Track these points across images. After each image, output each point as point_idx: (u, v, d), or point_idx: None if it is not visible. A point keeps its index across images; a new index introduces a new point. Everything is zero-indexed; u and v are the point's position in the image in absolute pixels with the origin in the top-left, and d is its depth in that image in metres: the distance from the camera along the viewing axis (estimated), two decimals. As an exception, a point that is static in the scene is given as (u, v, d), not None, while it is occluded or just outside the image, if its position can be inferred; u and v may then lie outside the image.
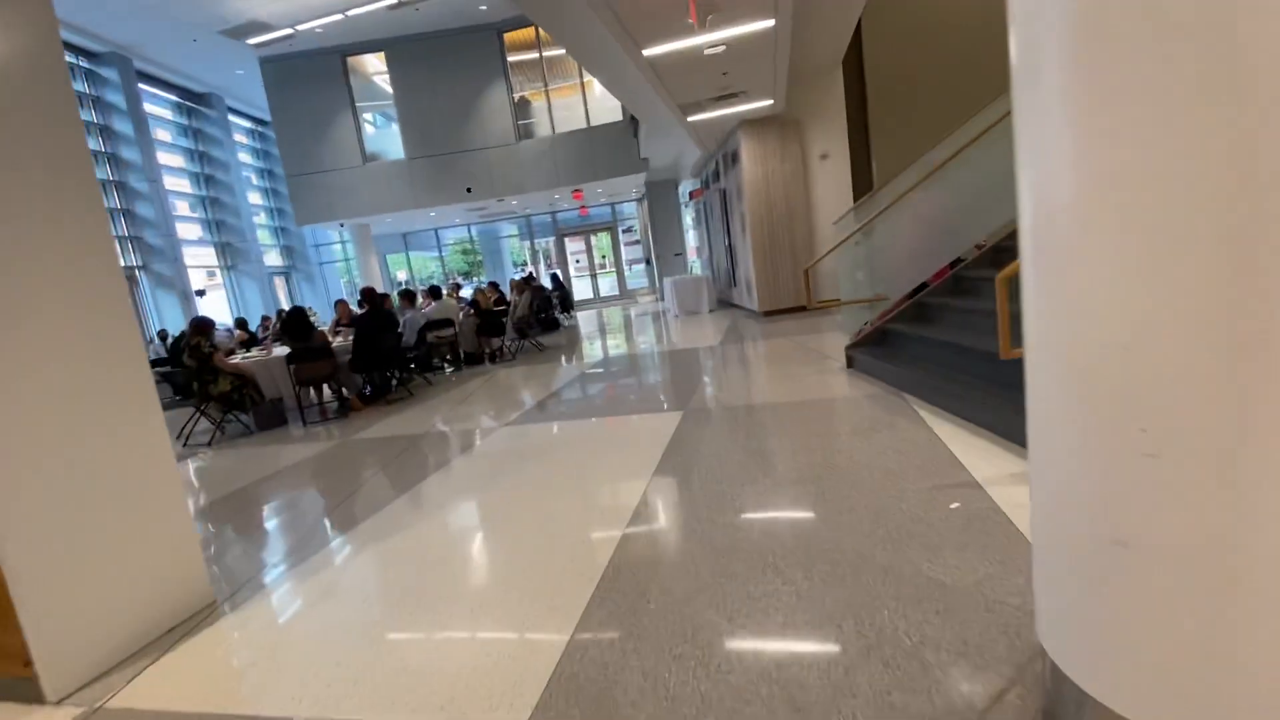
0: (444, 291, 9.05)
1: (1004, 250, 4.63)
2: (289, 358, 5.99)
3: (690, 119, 8.07)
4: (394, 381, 6.95)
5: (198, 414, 6.08)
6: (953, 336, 4.04)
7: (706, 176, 12.23)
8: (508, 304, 9.92)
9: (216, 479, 4.73)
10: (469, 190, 14.55)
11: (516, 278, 13.73)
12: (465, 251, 21.54)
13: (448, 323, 8.04)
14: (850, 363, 4.96)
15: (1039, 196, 1.16)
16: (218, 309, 15.44)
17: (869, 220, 4.79)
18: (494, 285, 10.53)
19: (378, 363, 6.50)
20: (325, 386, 6.62)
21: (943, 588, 1.89)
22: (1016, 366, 3.31)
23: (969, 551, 2.07)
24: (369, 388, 6.73)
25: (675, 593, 2.07)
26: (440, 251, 19.82)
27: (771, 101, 7.93)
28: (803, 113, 8.96)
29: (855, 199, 9.08)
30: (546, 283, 14.93)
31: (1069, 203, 1.08)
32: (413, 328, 7.18)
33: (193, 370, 5.61)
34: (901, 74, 9.01)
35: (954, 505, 2.43)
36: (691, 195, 13.87)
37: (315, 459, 4.76)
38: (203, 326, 5.66)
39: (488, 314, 8.46)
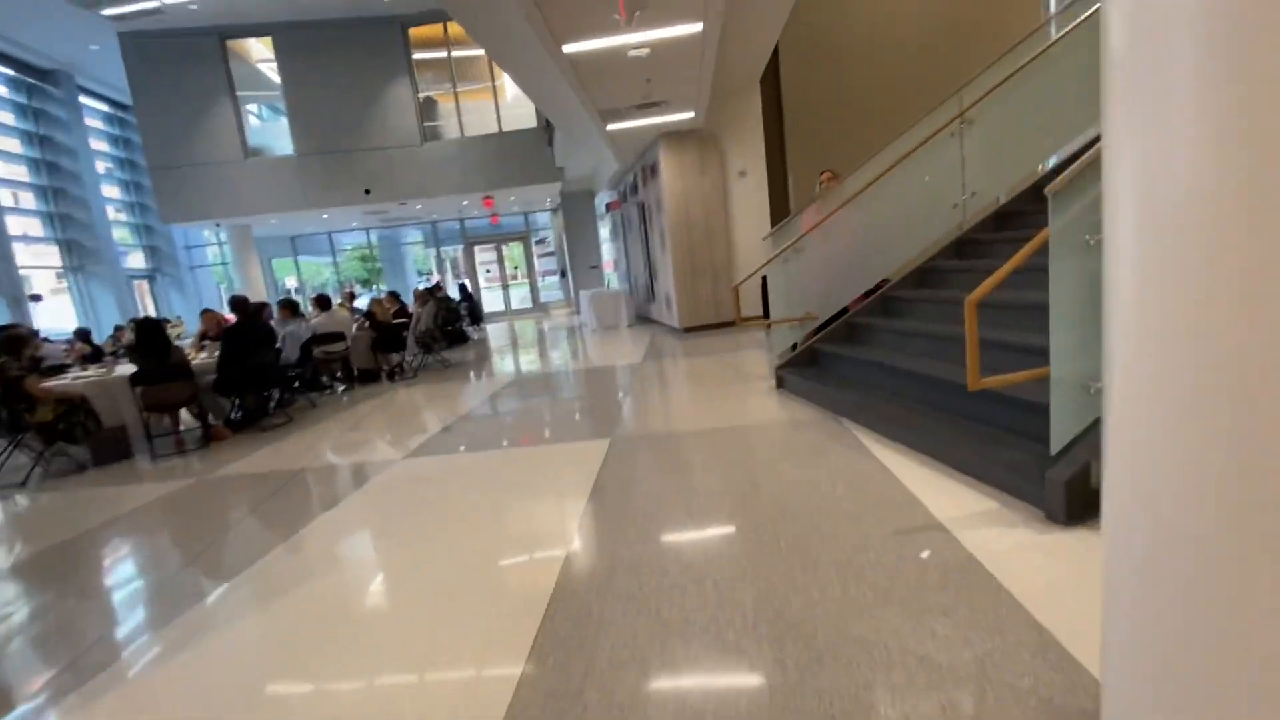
0: (334, 301, 8.15)
1: (930, 271, 4.59)
2: (134, 379, 5.01)
3: (610, 127, 7.75)
4: (271, 404, 6.05)
5: (11, 448, 4.95)
6: (887, 358, 3.90)
7: (624, 188, 11.98)
8: (409, 316, 9.10)
9: (25, 529, 3.77)
10: (367, 192, 13.47)
11: (421, 287, 12.82)
12: (364, 258, 20.06)
13: (338, 336, 7.19)
14: (780, 383, 4.75)
15: (1149, 197, 0.86)
16: (60, 317, 13.32)
17: (800, 236, 4.62)
18: (394, 295, 9.67)
19: (250, 383, 5.61)
20: (184, 411, 5.63)
21: (939, 670, 1.59)
22: (957, 392, 3.06)
23: (957, 617, 1.79)
24: (239, 411, 5.81)
25: (612, 688, 1.64)
26: (334, 257, 18.30)
27: (693, 114, 7.76)
28: (722, 129, 8.89)
29: (773, 218, 9.10)
30: (454, 293, 14.07)
31: (1204, 202, 0.78)
32: (294, 342, 6.30)
33: (-1, 395, 4.53)
34: (818, 94, 9.18)
35: (924, 554, 2.17)
36: (609, 207, 13.58)
37: (165, 500, 3.92)
38: (9, 342, 4.59)
39: (385, 327, 7.67)
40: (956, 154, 4.53)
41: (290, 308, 6.55)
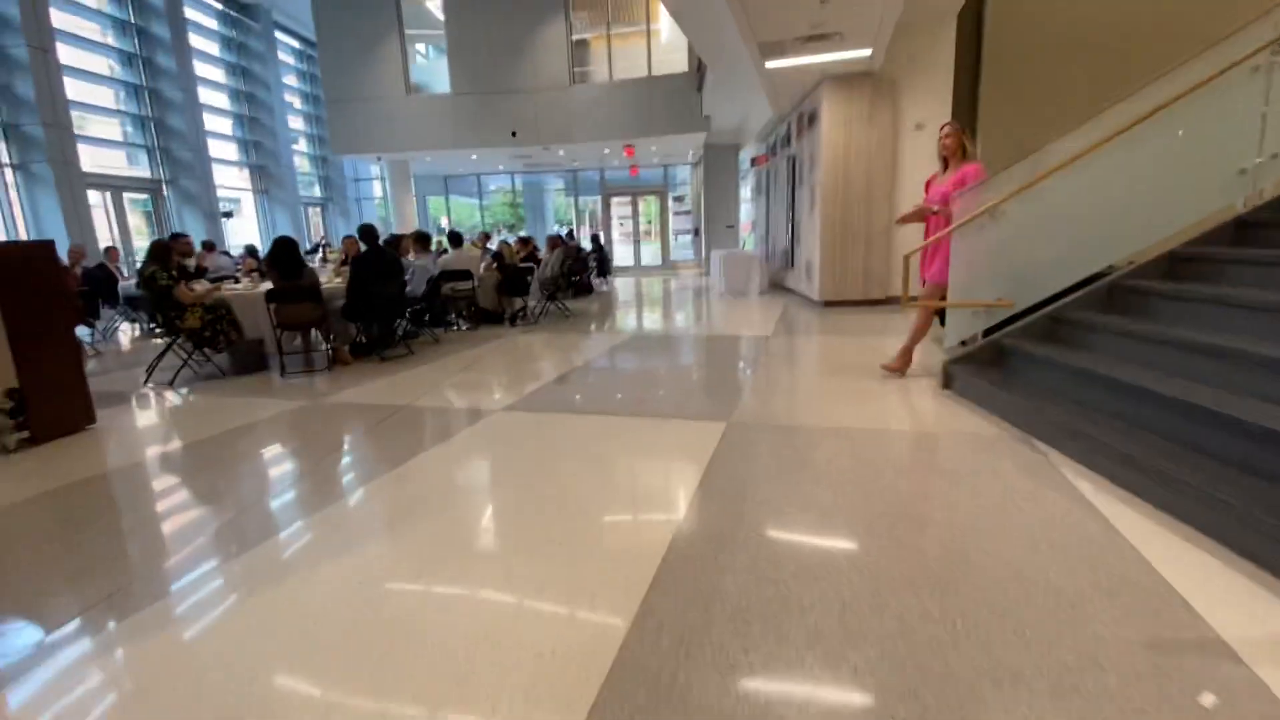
0: (467, 240, 8.11)
1: (1190, 259, 3.40)
2: (269, 295, 5.13)
3: (769, 64, 6.82)
4: (396, 335, 6.06)
5: (165, 349, 5.31)
6: (1116, 370, 2.88)
7: (775, 141, 10.92)
8: (538, 261, 8.93)
9: (165, 427, 3.92)
10: (514, 134, 13.50)
11: (555, 234, 12.75)
12: (511, 204, 20.54)
13: (465, 275, 7.11)
14: (948, 381, 3.84)
15: None
16: (246, 235, 14.89)
17: (1002, 199, 3.59)
18: (525, 240, 9.54)
19: (375, 312, 5.61)
20: (315, 332, 5.78)
21: None
22: (1244, 435, 2.00)
23: None
24: (364, 339, 5.87)
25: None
26: (481, 199, 18.89)
27: (870, 52, 6.62)
28: (901, 73, 7.60)
29: (950, 181, 7.73)
30: (586, 244, 13.89)
31: None
32: (422, 276, 6.26)
33: (153, 301, 4.79)
34: (1033, 35, 7.53)
35: (1206, 698, 1.37)
36: (754, 161, 12.55)
37: (268, 422, 3.90)
38: (159, 252, 4.81)
39: (512, 270, 7.49)
40: (1257, 98, 3.24)
41: (422, 241, 6.50)
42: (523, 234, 10.57)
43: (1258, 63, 3.17)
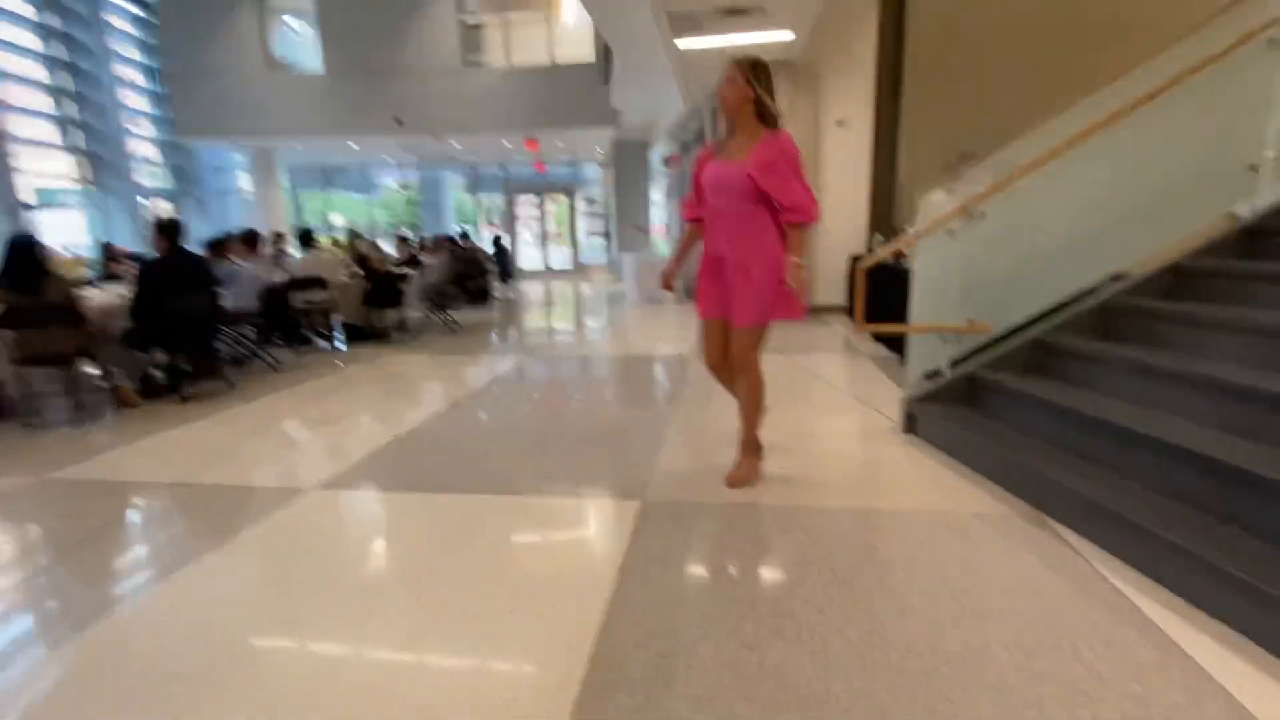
0: (326, 240, 6.72)
1: (1195, 274, 2.79)
2: (3, 319, 3.64)
3: (681, 42, 5.98)
4: (211, 363, 4.66)
5: None
6: (1127, 417, 2.18)
7: (687, 139, 10.16)
8: (419, 266, 7.64)
9: None
10: (399, 122, 11.97)
11: (452, 234, 11.37)
12: (407, 201, 18.65)
13: (318, 283, 5.75)
14: (911, 424, 3.08)
15: None
16: (65, 233, 12.37)
17: (978, 196, 2.86)
18: (404, 240, 8.19)
19: (173, 336, 4.21)
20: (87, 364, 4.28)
21: None
22: None
23: None
24: (161, 372, 4.43)
25: None
26: (368, 195, 17.02)
27: (792, 36, 5.93)
28: (821, 63, 7.00)
29: (875, 186, 7.22)
30: (488, 246, 12.58)
31: None
32: (248, 286, 4.89)
33: None
34: (956, 26, 7.14)
35: None
36: (667, 162, 11.78)
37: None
38: None
39: (380, 277, 6.20)
40: (1262, 84, 2.68)
41: (249, 242, 5.10)
42: (404, 234, 9.19)
43: (1272, 38, 2.60)
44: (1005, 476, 2.45)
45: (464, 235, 10.99)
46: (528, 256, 17.21)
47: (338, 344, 6.39)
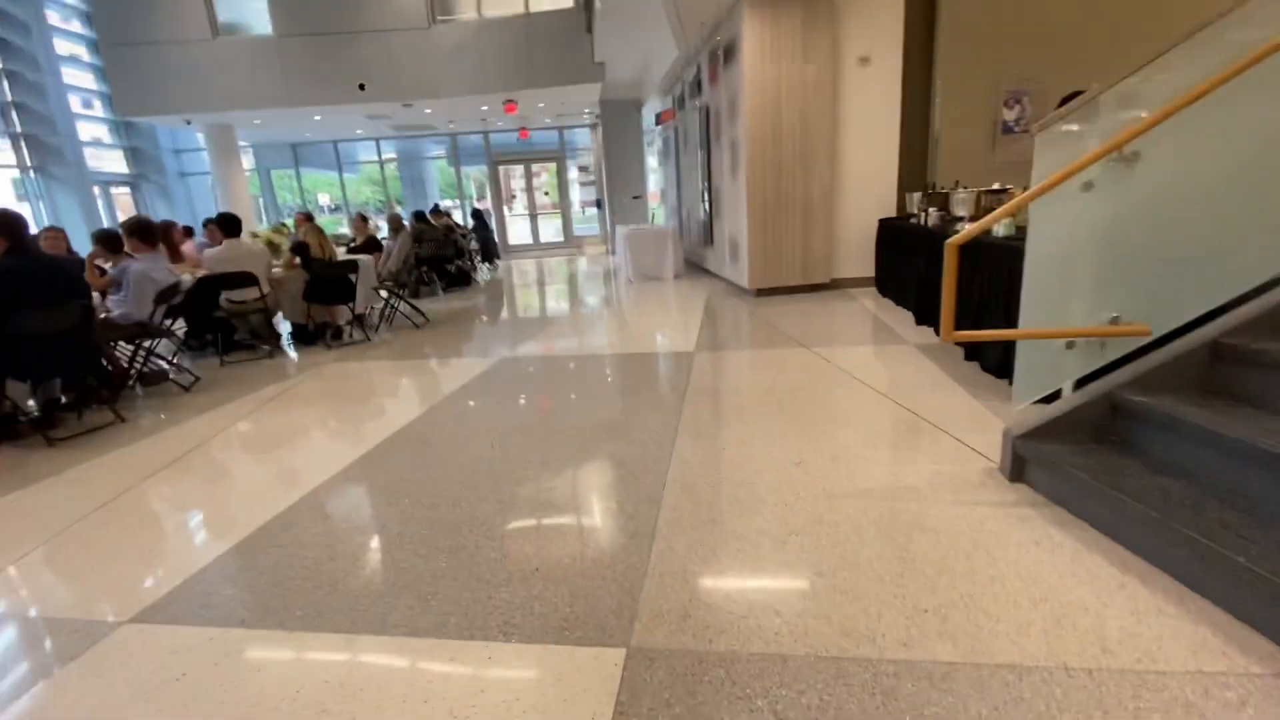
0: (265, 229, 5.69)
1: None
2: None
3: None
4: (91, 388, 3.72)
5: None
6: None
7: (682, 90, 8.99)
8: (378, 250, 6.64)
9: None
10: (362, 88, 10.80)
11: (436, 209, 10.27)
12: (382, 178, 17.45)
13: (246, 279, 4.77)
14: (1019, 469, 2.12)
15: None
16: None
17: (1124, 137, 1.84)
18: (364, 220, 7.15)
19: (31, 360, 3.26)
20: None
21: None
22: None
23: None
24: (38, 402, 3.50)
25: None
26: (341, 172, 15.84)
27: (806, -52, 4.78)
28: (840, -11, 5.85)
29: (903, 132, 6.13)
30: (467, 221, 11.49)
31: None
32: (143, 289, 3.91)
33: None
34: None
35: None
36: (659, 119, 10.59)
37: None
38: None
39: (321, 268, 5.20)
40: None
41: (142, 234, 4.09)
42: (364, 213, 8.11)
43: None
44: (1165, 560, 1.50)
45: (435, 210, 9.93)
46: (516, 230, 16.11)
47: (287, 349, 5.45)
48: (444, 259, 8.65)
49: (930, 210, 4.84)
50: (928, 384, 3.32)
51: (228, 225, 4.88)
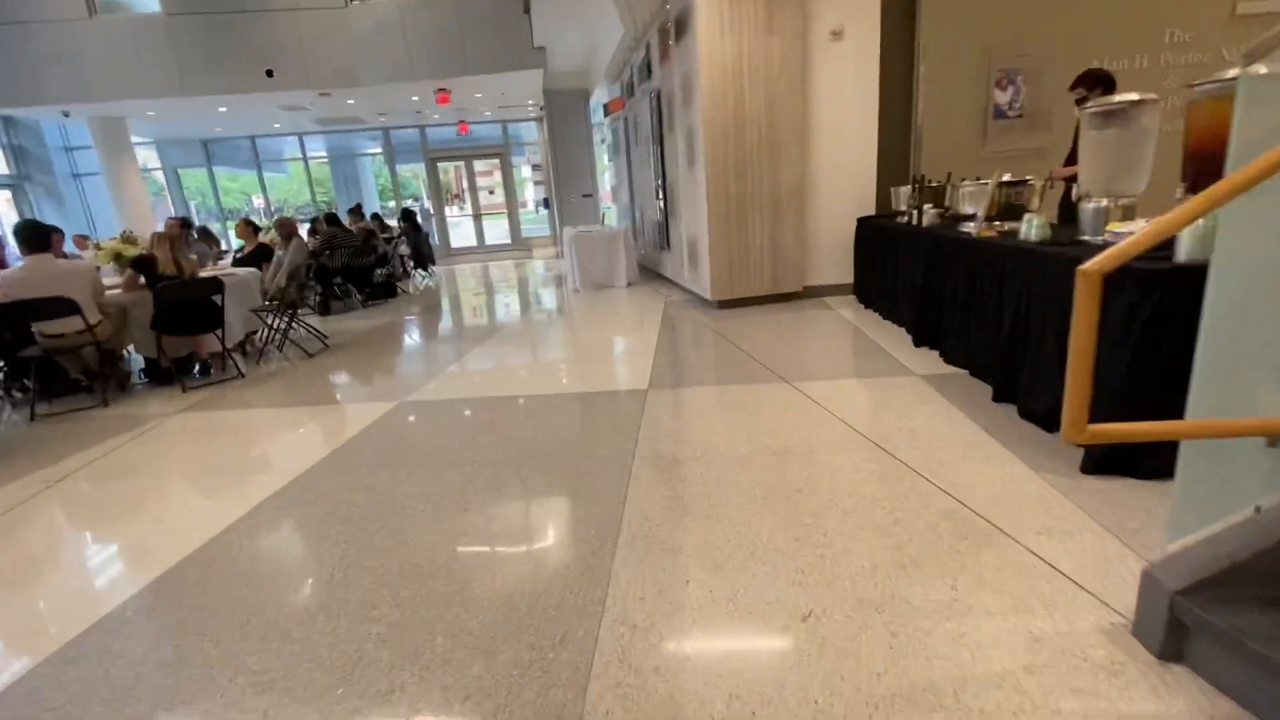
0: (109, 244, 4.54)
1: None
2: None
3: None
4: None
5: None
6: None
7: (631, 76, 8.07)
8: (267, 259, 5.51)
9: None
10: (269, 74, 9.52)
11: (358, 210, 9.09)
12: (321, 178, 15.96)
13: (61, 306, 3.62)
14: (1176, 643, 1.26)
15: None
16: None
17: None
18: (251, 226, 5.97)
19: None
20: None
21: None
22: None
23: None
24: None
25: None
26: (260, 170, 14.36)
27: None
28: (807, -50, 5.01)
29: (882, 117, 5.34)
30: (400, 223, 10.30)
31: None
32: None
33: None
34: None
35: None
36: (608, 109, 9.64)
37: None
38: None
39: (166, 288, 4.07)
40: None
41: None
42: (250, 216, 6.89)
43: None
44: None
45: (355, 211, 8.77)
46: (461, 233, 14.92)
47: (137, 390, 4.31)
48: (364, 268, 7.51)
49: (926, 207, 4.04)
50: (959, 442, 2.47)
51: (32, 238, 3.72)
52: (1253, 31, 5.41)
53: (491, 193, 15.28)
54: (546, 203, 13.90)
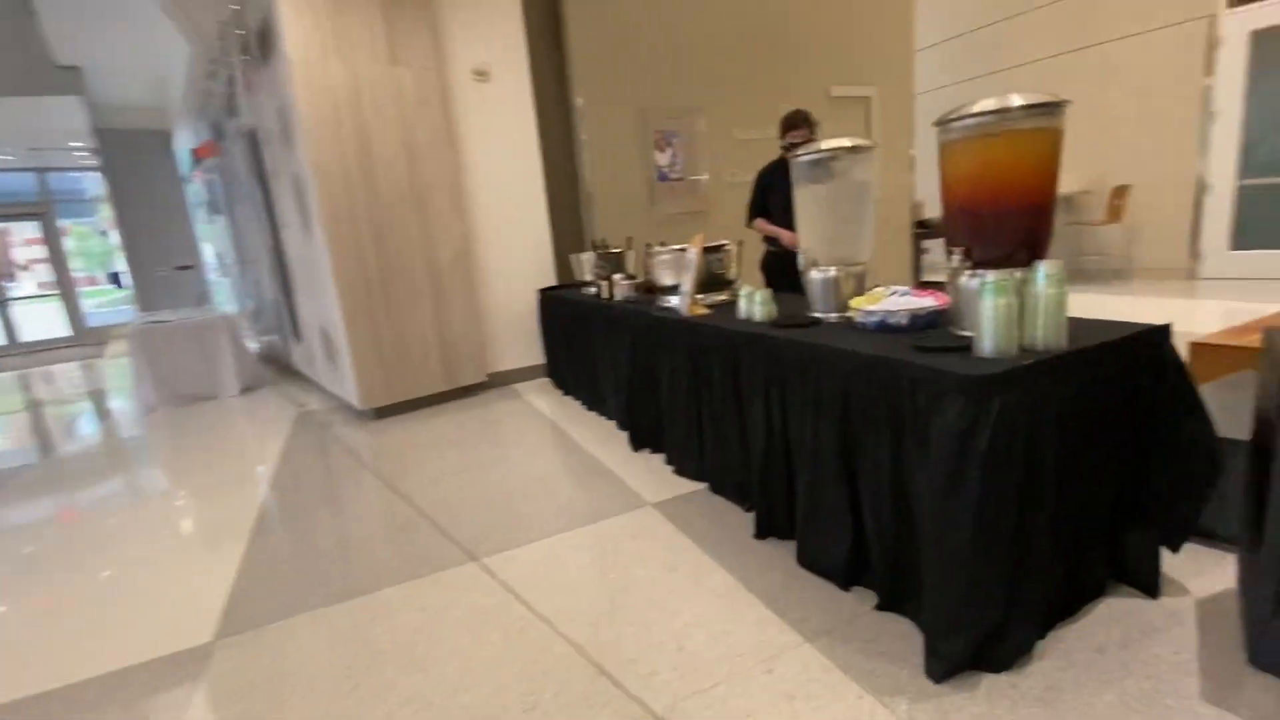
0: None
1: None
2: None
3: None
4: None
5: None
6: None
7: (217, 115, 6.01)
8: None
9: None
10: None
11: None
12: None
13: None
14: None
15: None
16: None
17: None
18: None
19: None
20: None
21: None
22: None
23: None
24: None
25: None
26: None
27: None
28: (433, -28, 4.05)
29: (547, 166, 4.62)
30: None
31: None
32: None
33: None
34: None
35: None
36: (196, 154, 7.20)
37: None
38: None
39: None
40: None
41: None
42: None
43: None
44: None
45: None
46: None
47: None
48: None
49: (616, 277, 3.31)
50: (746, 647, 1.57)
51: None
52: (845, 111, 6.35)
53: (25, 268, 10.61)
54: (114, 278, 10.16)
